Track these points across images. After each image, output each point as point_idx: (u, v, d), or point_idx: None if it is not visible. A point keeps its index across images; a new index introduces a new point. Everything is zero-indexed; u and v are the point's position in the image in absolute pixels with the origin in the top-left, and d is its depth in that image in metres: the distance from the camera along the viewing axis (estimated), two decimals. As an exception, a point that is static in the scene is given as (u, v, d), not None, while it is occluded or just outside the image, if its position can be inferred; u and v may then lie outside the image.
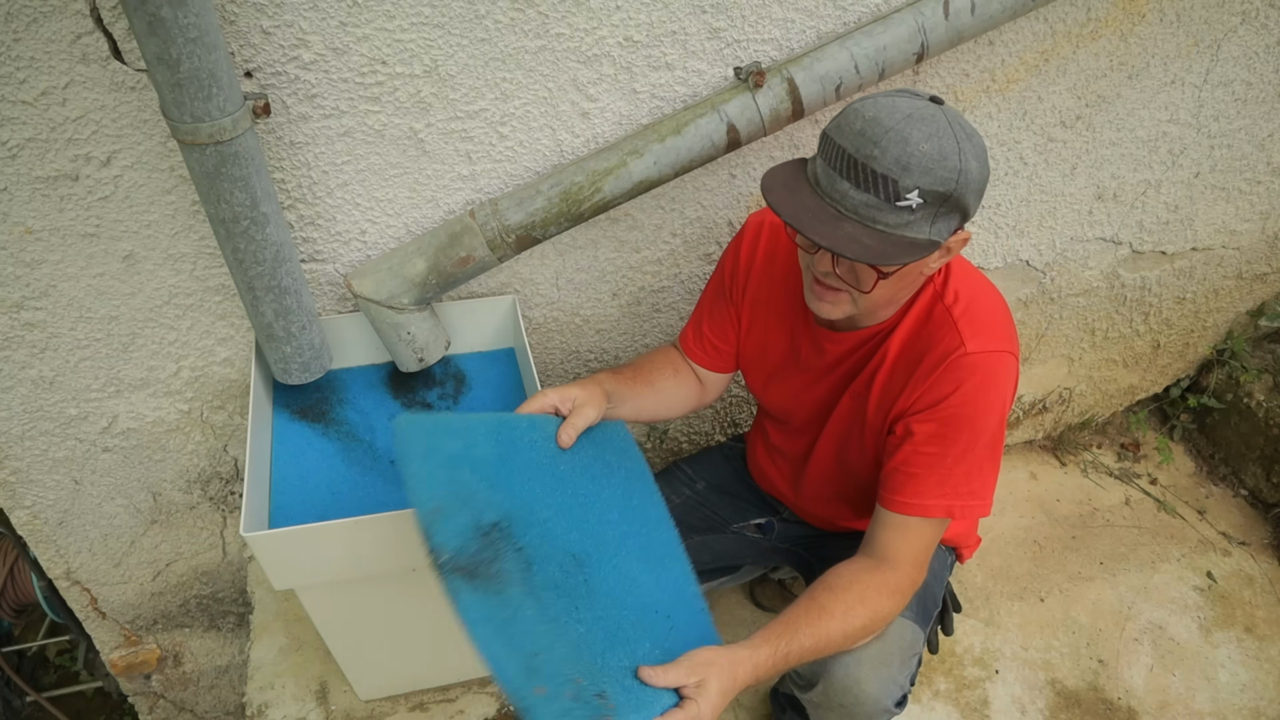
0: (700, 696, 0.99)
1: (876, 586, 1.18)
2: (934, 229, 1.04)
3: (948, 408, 1.16)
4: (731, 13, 1.34)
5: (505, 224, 1.34)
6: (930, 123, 1.01)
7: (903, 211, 1.01)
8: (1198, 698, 1.94)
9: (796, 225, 1.04)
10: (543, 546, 1.09)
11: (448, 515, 1.04)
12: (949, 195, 1.02)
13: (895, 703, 1.29)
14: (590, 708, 0.95)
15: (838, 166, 1.04)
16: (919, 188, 1.00)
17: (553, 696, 0.94)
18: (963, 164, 1.01)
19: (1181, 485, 2.45)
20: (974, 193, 1.04)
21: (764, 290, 1.38)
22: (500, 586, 1.02)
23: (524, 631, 0.99)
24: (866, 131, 1.01)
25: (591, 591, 1.08)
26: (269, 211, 1.20)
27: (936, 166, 1.00)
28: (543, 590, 1.05)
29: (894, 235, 1.03)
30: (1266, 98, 1.85)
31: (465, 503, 1.06)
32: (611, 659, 1.02)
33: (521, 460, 1.15)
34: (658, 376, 1.43)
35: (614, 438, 1.30)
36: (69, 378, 1.42)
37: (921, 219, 1.03)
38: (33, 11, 1.07)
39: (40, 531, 1.61)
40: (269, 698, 1.56)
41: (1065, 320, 2.17)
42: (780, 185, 1.10)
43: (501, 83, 1.30)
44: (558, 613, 1.03)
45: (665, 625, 1.11)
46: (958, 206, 1.04)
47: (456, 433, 1.13)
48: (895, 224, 1.02)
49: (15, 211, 1.22)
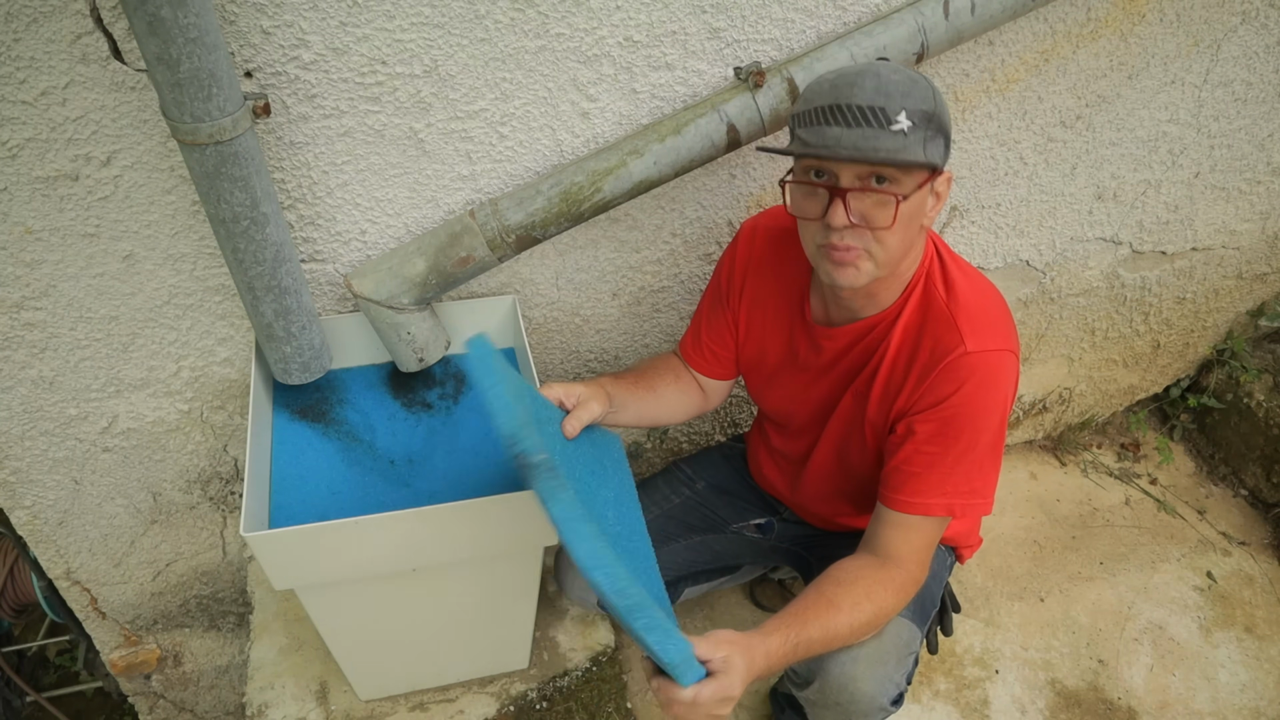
0: (729, 670, 1.01)
1: (881, 582, 1.18)
2: (928, 151, 1.06)
3: (949, 407, 1.16)
4: (731, 13, 1.34)
5: (505, 224, 1.34)
6: (887, 64, 1.08)
7: (897, 136, 1.03)
8: (1198, 698, 1.94)
9: (820, 141, 1.05)
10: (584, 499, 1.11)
11: (531, 429, 1.04)
12: (932, 114, 1.05)
13: (891, 701, 1.29)
14: (672, 634, 0.97)
15: (821, 118, 1.06)
16: (904, 109, 1.03)
17: (648, 603, 0.96)
18: (931, 86, 1.06)
19: (1181, 485, 2.45)
20: (947, 119, 1.09)
21: (760, 293, 1.38)
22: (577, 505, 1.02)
23: (606, 545, 1.00)
24: (838, 83, 1.06)
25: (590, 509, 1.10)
26: (269, 211, 1.20)
27: (912, 90, 1.04)
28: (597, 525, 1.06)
29: (896, 160, 1.04)
30: (1266, 98, 1.85)
31: (536, 429, 1.07)
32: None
33: (547, 430, 1.16)
34: (659, 382, 1.43)
35: (609, 448, 1.31)
36: (69, 378, 1.42)
37: (914, 142, 1.04)
38: (33, 11, 1.07)
39: (40, 531, 1.61)
40: (269, 698, 1.56)
41: (1065, 320, 2.17)
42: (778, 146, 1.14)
43: (501, 83, 1.30)
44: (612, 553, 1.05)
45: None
46: (941, 129, 1.07)
47: (513, 377, 1.14)
48: (894, 148, 1.04)
49: (15, 211, 1.22)
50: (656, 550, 1.25)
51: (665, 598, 1.18)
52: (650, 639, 0.95)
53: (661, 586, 1.20)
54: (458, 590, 1.38)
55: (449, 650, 1.52)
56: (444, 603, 1.39)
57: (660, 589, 1.19)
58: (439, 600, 1.38)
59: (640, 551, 1.21)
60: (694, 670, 0.99)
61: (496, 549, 1.28)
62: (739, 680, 1.01)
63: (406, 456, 1.40)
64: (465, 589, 1.38)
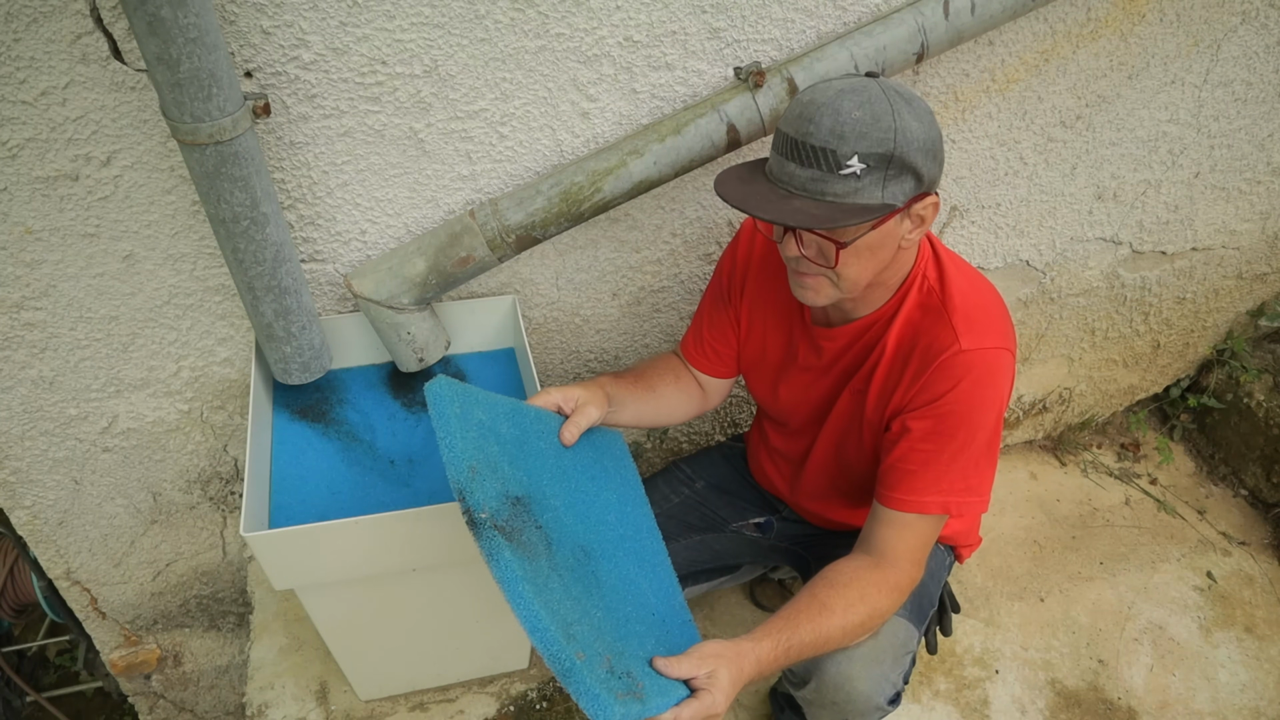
0: (713, 686, 1.01)
1: (876, 584, 1.18)
2: (886, 192, 1.05)
3: (944, 405, 1.17)
4: (731, 13, 1.34)
5: (505, 224, 1.34)
6: (861, 93, 1.04)
7: (848, 179, 1.03)
8: (1198, 698, 1.94)
9: (743, 206, 1.07)
10: (558, 530, 1.09)
11: (483, 477, 1.03)
12: (890, 155, 1.03)
13: (888, 700, 1.29)
14: (624, 683, 0.96)
15: (784, 150, 1.07)
16: (857, 153, 1.02)
17: (591, 664, 0.95)
18: (898, 123, 1.02)
19: (1181, 485, 2.45)
20: (921, 151, 1.05)
21: (761, 292, 1.38)
22: (531, 555, 1.02)
23: (558, 600, 0.99)
24: (804, 113, 1.05)
25: (600, 584, 1.09)
26: (269, 211, 1.20)
27: (871, 130, 1.02)
28: (564, 570, 1.05)
29: (844, 203, 1.05)
30: (1266, 98, 1.85)
31: (494, 471, 1.06)
32: (627, 646, 1.03)
33: (533, 447, 1.15)
34: (659, 382, 1.43)
35: (611, 445, 1.31)
36: (69, 378, 1.42)
37: (870, 184, 1.04)
38: (33, 11, 1.07)
39: (40, 531, 1.61)
40: (269, 698, 1.56)
41: (1065, 320, 2.17)
42: (734, 179, 1.14)
43: (501, 83, 1.30)
44: (578, 594, 1.04)
45: (662, 627, 1.11)
46: (905, 167, 1.04)
47: (483, 405, 1.13)
48: (843, 192, 1.04)
49: (15, 211, 1.22)
50: None
51: (677, 590, 1.19)
52: (582, 704, 0.94)
53: (673, 578, 1.20)
54: (458, 590, 1.38)
55: (449, 650, 1.52)
56: (444, 603, 1.39)
57: (672, 581, 1.20)
58: (439, 600, 1.38)
59: (648, 549, 1.21)
60: (659, 704, 0.98)
61: (496, 549, 1.28)
62: (723, 696, 1.01)
63: (406, 456, 1.40)
64: (465, 589, 1.38)
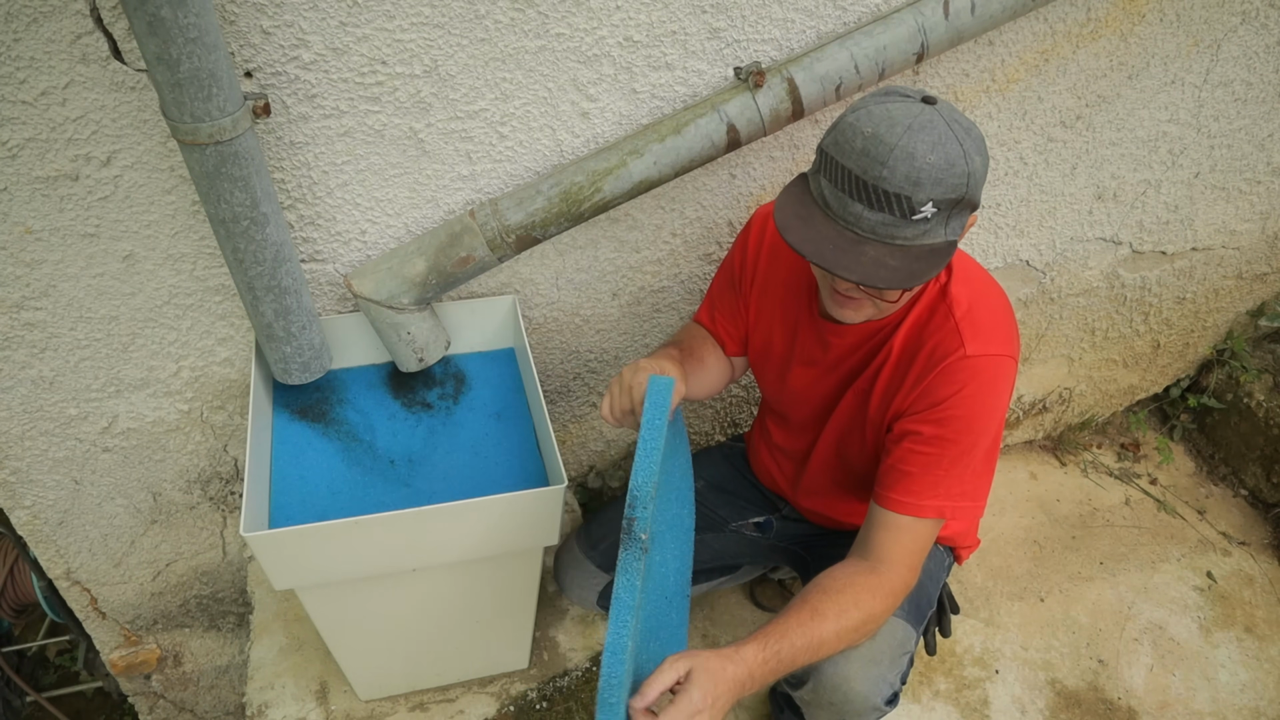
0: (691, 686, 1.01)
1: (870, 589, 1.18)
2: (949, 229, 1.06)
3: (947, 409, 1.16)
4: (731, 13, 1.34)
5: (505, 224, 1.34)
6: (930, 130, 1.00)
7: (919, 223, 1.03)
8: (1198, 698, 1.94)
9: (822, 263, 1.04)
10: (657, 575, 1.14)
11: (653, 503, 1.06)
12: (961, 199, 1.03)
13: (885, 700, 1.29)
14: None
15: (846, 188, 1.04)
16: (932, 199, 1.01)
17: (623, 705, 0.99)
18: (969, 166, 1.02)
19: (1181, 485, 2.45)
20: (981, 185, 1.06)
21: (770, 283, 1.38)
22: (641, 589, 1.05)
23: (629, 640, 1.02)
24: (870, 151, 1.01)
25: (649, 576, 1.11)
26: (269, 211, 1.20)
27: (946, 176, 1.00)
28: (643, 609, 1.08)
29: (914, 247, 1.04)
30: (1266, 98, 1.85)
31: (655, 499, 1.08)
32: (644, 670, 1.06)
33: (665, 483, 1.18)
34: (706, 353, 1.44)
35: (679, 427, 1.33)
36: (69, 378, 1.42)
37: (937, 224, 1.04)
38: (33, 11, 1.07)
39: (40, 531, 1.61)
40: (269, 698, 1.56)
41: (1065, 320, 2.17)
42: (794, 217, 1.09)
43: (501, 83, 1.30)
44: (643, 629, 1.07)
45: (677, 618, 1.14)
46: (970, 205, 1.06)
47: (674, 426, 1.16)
48: (913, 235, 1.04)
49: (15, 211, 1.22)
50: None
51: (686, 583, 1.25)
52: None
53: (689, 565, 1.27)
54: (458, 590, 1.38)
55: (449, 650, 1.52)
56: (444, 603, 1.39)
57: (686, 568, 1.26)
58: (439, 600, 1.38)
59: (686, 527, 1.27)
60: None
61: (496, 549, 1.28)
62: (699, 692, 1.01)
63: (406, 456, 1.40)
64: (465, 589, 1.38)
